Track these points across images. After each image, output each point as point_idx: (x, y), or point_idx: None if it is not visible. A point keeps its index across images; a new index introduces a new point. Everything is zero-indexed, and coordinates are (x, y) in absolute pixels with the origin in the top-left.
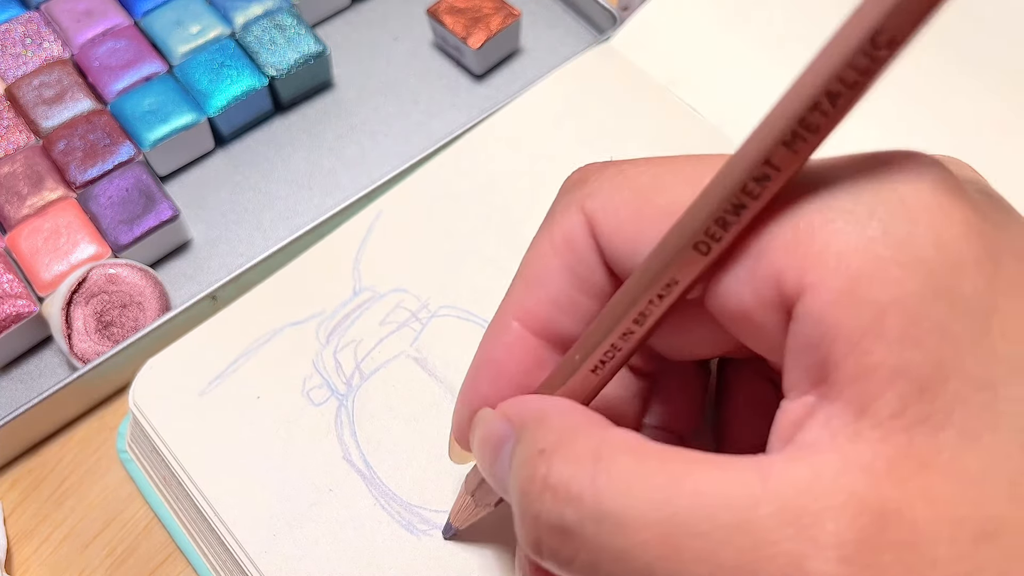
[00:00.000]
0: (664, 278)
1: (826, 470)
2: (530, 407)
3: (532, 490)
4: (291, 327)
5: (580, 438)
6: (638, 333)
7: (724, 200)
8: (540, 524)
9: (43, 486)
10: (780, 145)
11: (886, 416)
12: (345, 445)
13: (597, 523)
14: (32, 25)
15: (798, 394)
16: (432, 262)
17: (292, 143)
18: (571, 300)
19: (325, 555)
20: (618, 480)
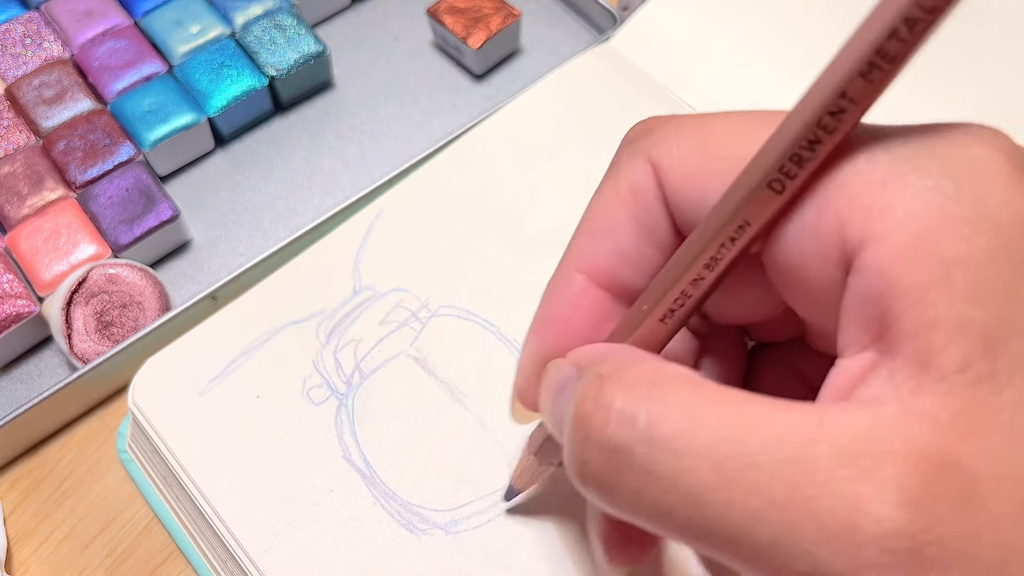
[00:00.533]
0: (737, 219)
1: (887, 418)
2: (594, 350)
3: (584, 411)
4: (291, 326)
5: (637, 366)
6: (708, 279)
7: (799, 135)
8: (589, 444)
9: (43, 486)
10: (857, 76)
11: (950, 370)
12: (345, 444)
13: (648, 446)
14: (32, 25)
15: (856, 350)
16: (432, 261)
17: (292, 143)
18: (637, 251)
19: (325, 554)
20: (673, 406)
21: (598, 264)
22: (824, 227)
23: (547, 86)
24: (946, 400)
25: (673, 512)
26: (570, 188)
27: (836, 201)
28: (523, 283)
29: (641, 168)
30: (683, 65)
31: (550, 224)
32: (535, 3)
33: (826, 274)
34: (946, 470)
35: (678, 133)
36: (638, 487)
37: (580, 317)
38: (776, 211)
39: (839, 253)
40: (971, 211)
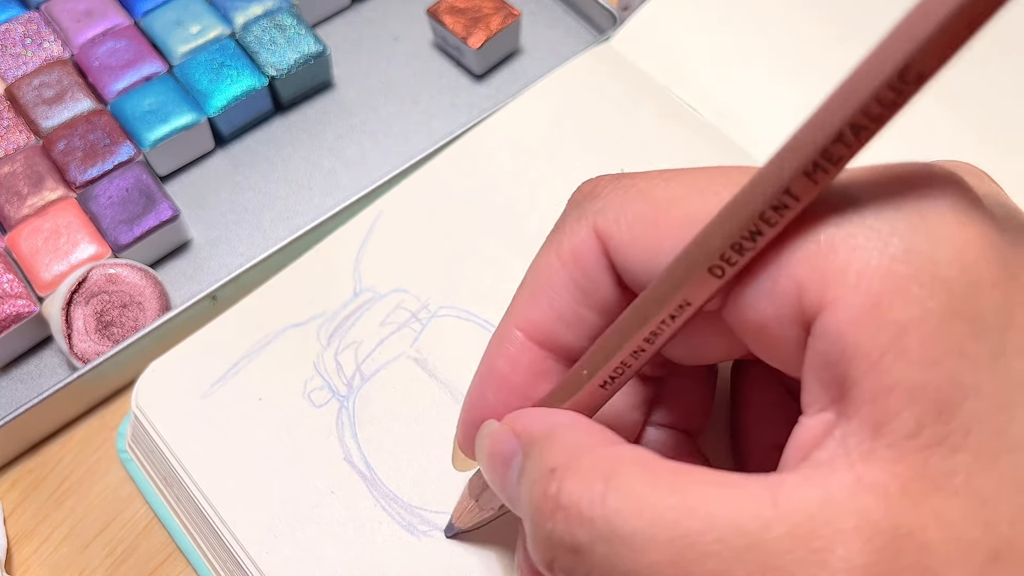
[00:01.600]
0: (676, 299)
1: (838, 492)
2: (538, 422)
3: (544, 509)
4: (292, 328)
5: (590, 456)
6: (649, 351)
7: (741, 227)
8: (553, 543)
9: (43, 486)
10: (801, 175)
11: (901, 436)
12: (346, 446)
13: (608, 543)
14: (32, 25)
15: (816, 410)
16: (432, 262)
17: (292, 143)
18: (576, 315)
19: (326, 556)
20: (628, 500)
21: (537, 324)
22: (781, 290)
23: (547, 86)
24: (897, 468)
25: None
26: (570, 188)
27: (792, 264)
28: None
29: (585, 233)
30: (683, 65)
31: (550, 224)
32: (535, 3)
33: (787, 334)
34: (897, 543)
35: (626, 195)
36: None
37: (518, 374)
38: (717, 291)
39: (799, 314)
40: (920, 271)
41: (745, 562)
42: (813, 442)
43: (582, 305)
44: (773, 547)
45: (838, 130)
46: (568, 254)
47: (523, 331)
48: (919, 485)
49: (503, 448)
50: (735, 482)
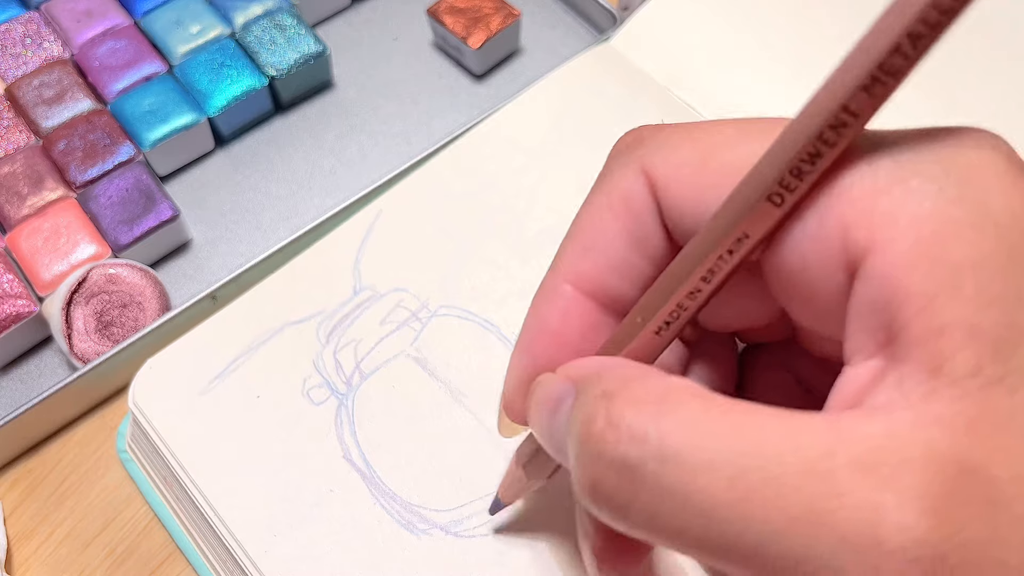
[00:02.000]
0: (736, 231)
1: (902, 425)
2: (590, 364)
3: (593, 431)
4: (291, 326)
5: (643, 382)
6: (706, 291)
7: (801, 148)
8: (600, 464)
9: (43, 486)
10: (859, 90)
11: (962, 375)
12: (345, 445)
13: (661, 463)
14: (32, 25)
15: (863, 357)
16: (432, 262)
17: (292, 143)
18: (628, 263)
19: (325, 555)
20: (684, 421)
21: (588, 276)
22: (828, 234)
23: (547, 86)
24: (960, 405)
25: (688, 530)
26: (570, 188)
27: (839, 207)
28: (523, 283)
29: (633, 178)
30: (683, 65)
31: (550, 224)
32: (535, 3)
33: (830, 280)
34: (966, 475)
35: (672, 142)
36: (652, 505)
37: (570, 329)
38: (775, 223)
39: (843, 259)
40: (975, 215)
41: (807, 487)
42: (862, 390)
43: (634, 253)
44: (837, 473)
45: (895, 41)
46: (618, 200)
47: (573, 283)
48: (983, 422)
49: (554, 391)
50: (792, 414)
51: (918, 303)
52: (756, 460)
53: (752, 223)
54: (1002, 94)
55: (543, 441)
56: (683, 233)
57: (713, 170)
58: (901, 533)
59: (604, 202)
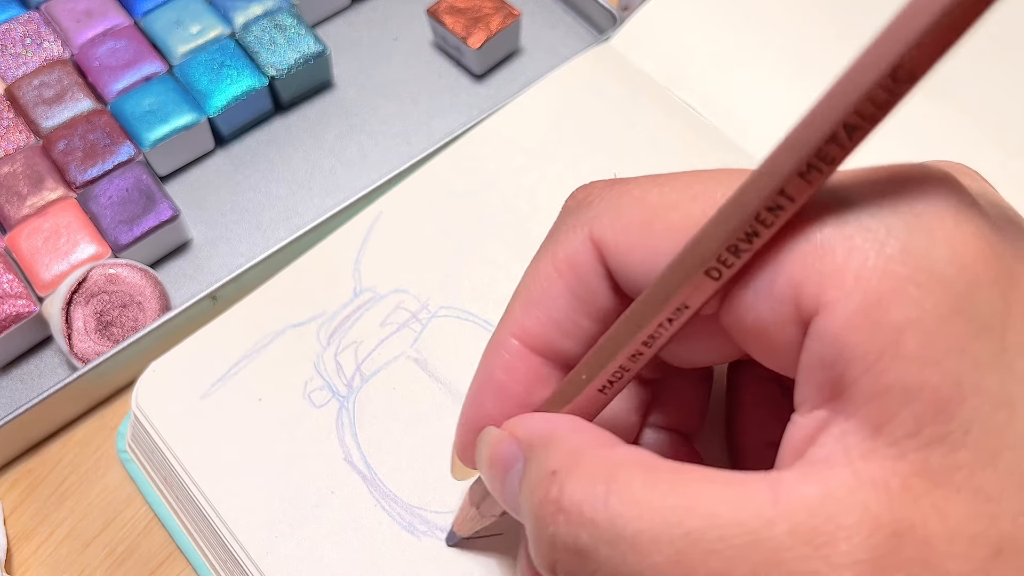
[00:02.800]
0: (674, 303)
1: (839, 488)
2: (538, 426)
3: (546, 513)
4: (292, 329)
5: (591, 458)
6: (647, 354)
7: (736, 228)
8: (556, 546)
9: (43, 486)
10: (795, 176)
11: (901, 435)
12: (346, 447)
13: (611, 545)
14: (32, 25)
15: (809, 408)
16: (432, 262)
17: (292, 143)
18: (573, 322)
19: (326, 556)
20: (630, 501)
21: (534, 332)
22: (779, 291)
23: (547, 86)
24: (897, 465)
25: None
26: (570, 188)
27: (789, 267)
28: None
29: (580, 241)
30: (683, 65)
31: (550, 224)
32: (535, 3)
33: (785, 334)
34: (900, 538)
35: (620, 201)
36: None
37: (516, 382)
38: (713, 293)
39: (796, 315)
40: (917, 271)
41: (748, 560)
42: (807, 440)
43: (579, 313)
44: (776, 544)
45: (832, 130)
46: (564, 262)
47: (520, 339)
48: (920, 481)
49: (504, 454)
50: (735, 480)
51: (862, 364)
52: (701, 534)
53: (690, 295)
54: (1003, 94)
55: (497, 497)
56: (633, 290)
57: (659, 232)
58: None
59: (550, 262)
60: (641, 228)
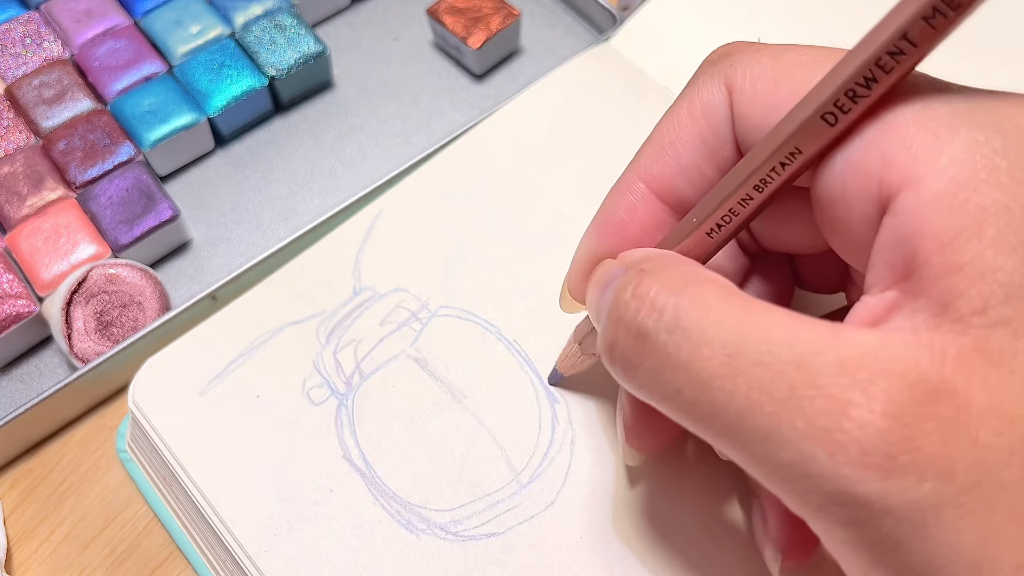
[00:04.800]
0: (789, 146)
1: (896, 344)
2: (644, 252)
3: (622, 298)
4: (291, 326)
5: (676, 268)
6: (757, 200)
7: (856, 71)
8: (620, 326)
9: (43, 486)
10: (919, 19)
11: (968, 312)
12: (345, 444)
13: (670, 333)
14: (32, 25)
15: (880, 289)
16: (432, 262)
17: (292, 143)
18: (699, 170)
19: (325, 554)
20: (699, 303)
21: (660, 176)
22: (868, 164)
23: (547, 86)
24: (959, 338)
25: (682, 393)
26: (570, 188)
27: (884, 141)
28: (523, 283)
29: (716, 88)
30: (683, 65)
31: (550, 224)
32: (535, 3)
33: (863, 212)
34: (939, 395)
35: (755, 58)
36: (656, 368)
37: (636, 223)
38: (827, 143)
39: (877, 192)
40: (1014, 167)
41: (790, 375)
42: (876, 319)
43: (705, 160)
44: (820, 368)
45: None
46: (698, 109)
47: (645, 182)
48: (977, 356)
49: (608, 273)
50: (800, 317)
51: (940, 241)
52: (752, 345)
53: (805, 139)
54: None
55: (592, 313)
56: (751, 146)
57: (786, 88)
58: (860, 428)
59: (685, 109)
60: (768, 81)
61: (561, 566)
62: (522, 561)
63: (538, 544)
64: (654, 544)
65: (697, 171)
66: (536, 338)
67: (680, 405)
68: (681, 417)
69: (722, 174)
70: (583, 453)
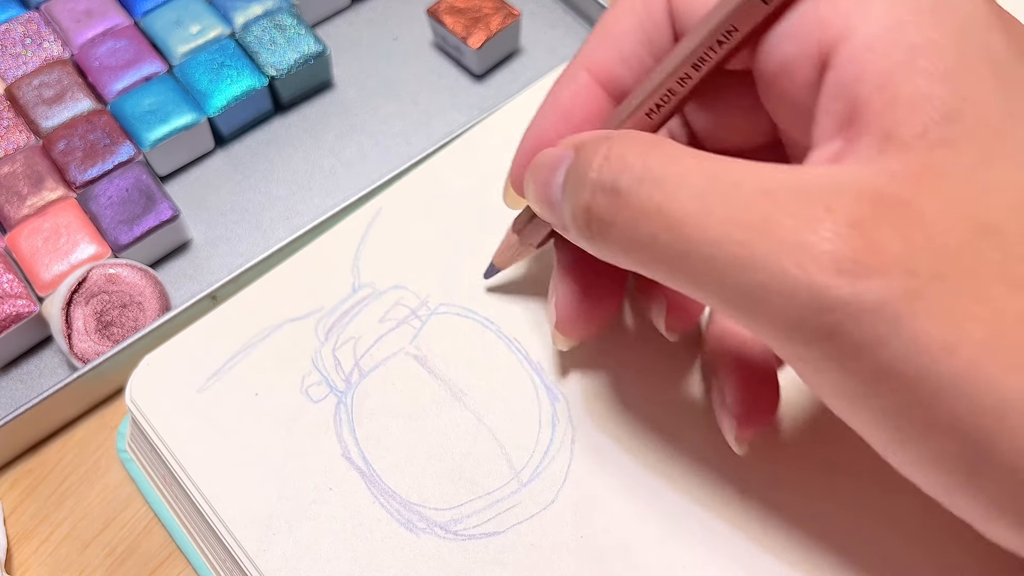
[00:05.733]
0: (725, 24)
1: (849, 170)
2: (589, 133)
3: (593, 164)
4: (290, 323)
5: (642, 135)
6: (694, 79)
7: None
8: (596, 188)
9: (43, 486)
10: None
11: (910, 136)
12: (344, 443)
13: (642, 183)
14: (32, 25)
15: (827, 139)
16: (432, 260)
17: (292, 143)
18: (639, 58)
19: (324, 554)
20: (669, 156)
21: (602, 64)
22: (805, 30)
23: (547, 86)
24: (905, 157)
25: (658, 239)
26: None
27: (818, 5)
28: (523, 281)
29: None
30: None
31: None
32: (535, 3)
33: (805, 77)
34: (895, 205)
35: None
36: (632, 218)
37: (579, 110)
38: (762, 19)
39: (817, 52)
40: (937, 4)
41: (757, 205)
42: (827, 162)
43: (645, 48)
44: (784, 195)
45: None
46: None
47: (588, 71)
48: (923, 170)
49: (552, 156)
50: (762, 164)
51: (877, 80)
52: (722, 184)
53: (741, 17)
54: None
55: (537, 200)
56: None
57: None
58: (825, 240)
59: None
60: None
61: (561, 565)
62: (522, 560)
63: (538, 543)
64: (654, 544)
65: (637, 59)
66: (536, 336)
67: (656, 252)
68: (656, 266)
69: (658, 61)
70: (583, 451)
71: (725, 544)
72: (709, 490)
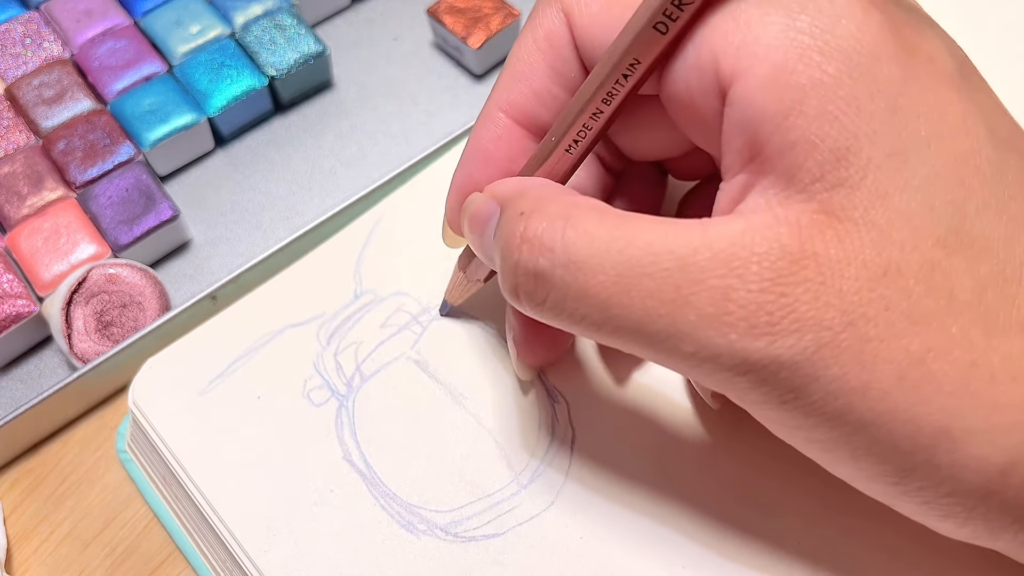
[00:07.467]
0: (628, 58)
1: (758, 225)
2: (512, 185)
3: (512, 244)
4: (292, 329)
5: (553, 202)
6: (606, 112)
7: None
8: (518, 271)
9: (43, 486)
10: None
11: (808, 181)
12: (345, 445)
13: (564, 268)
14: (32, 25)
15: (733, 174)
16: (433, 266)
17: (292, 143)
18: (550, 93)
19: (325, 555)
20: (583, 233)
21: (517, 104)
22: (702, 63)
23: None
24: (806, 205)
25: (588, 317)
26: None
27: (712, 40)
28: None
29: (554, 16)
30: None
31: None
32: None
33: (709, 105)
34: (804, 261)
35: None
36: (559, 300)
37: (500, 152)
38: (662, 50)
39: (716, 86)
40: (824, 42)
41: (675, 278)
42: (734, 201)
43: (556, 84)
44: (699, 265)
45: None
46: (542, 37)
47: (505, 111)
48: (825, 217)
49: (483, 210)
50: (672, 222)
51: (773, 123)
52: (638, 260)
53: (642, 50)
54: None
55: (476, 250)
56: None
57: (617, 7)
58: (743, 308)
59: (530, 39)
60: (602, 4)
61: (561, 566)
62: (522, 561)
63: (538, 545)
64: (654, 544)
65: (549, 95)
66: None
67: (588, 327)
68: (591, 336)
69: (571, 94)
70: (583, 453)
71: (725, 544)
72: (709, 491)
